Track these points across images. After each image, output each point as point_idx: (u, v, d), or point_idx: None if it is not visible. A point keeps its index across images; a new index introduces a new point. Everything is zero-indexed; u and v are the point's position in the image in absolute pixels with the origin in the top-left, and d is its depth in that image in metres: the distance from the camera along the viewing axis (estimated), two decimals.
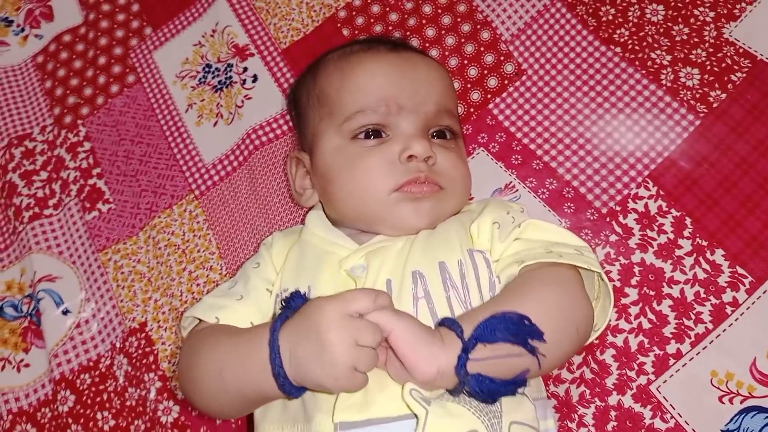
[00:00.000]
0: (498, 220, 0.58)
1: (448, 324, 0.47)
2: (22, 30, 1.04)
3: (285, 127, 0.85)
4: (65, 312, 0.81)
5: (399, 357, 0.46)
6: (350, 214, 0.62)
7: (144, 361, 0.76)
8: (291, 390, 0.46)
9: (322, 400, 0.49)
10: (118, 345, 0.79)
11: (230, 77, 0.91)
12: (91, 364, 0.78)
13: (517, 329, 0.45)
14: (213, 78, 0.92)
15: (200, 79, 0.93)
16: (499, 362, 0.45)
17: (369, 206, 0.60)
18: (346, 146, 0.62)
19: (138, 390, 0.75)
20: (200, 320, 0.58)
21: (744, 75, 0.72)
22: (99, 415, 0.75)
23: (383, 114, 0.61)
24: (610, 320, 0.57)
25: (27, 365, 0.81)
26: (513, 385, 0.45)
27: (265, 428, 0.53)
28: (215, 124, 0.89)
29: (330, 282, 0.56)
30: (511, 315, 0.46)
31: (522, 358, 0.46)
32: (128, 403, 0.75)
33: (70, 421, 0.76)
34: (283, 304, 0.50)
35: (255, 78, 0.90)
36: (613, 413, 0.62)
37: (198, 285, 0.79)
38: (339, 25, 0.90)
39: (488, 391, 0.44)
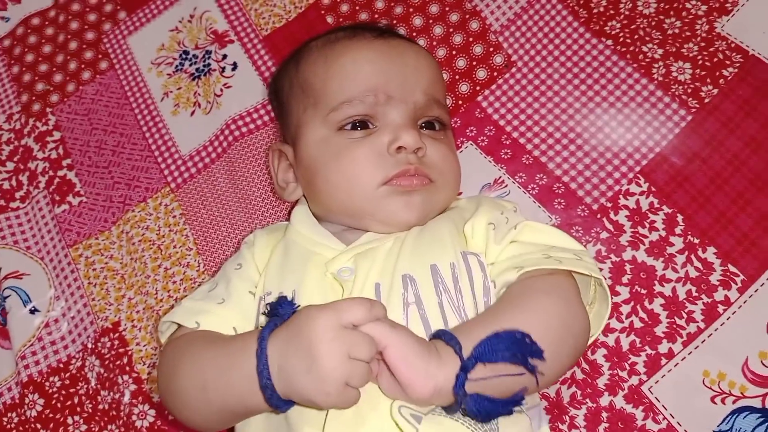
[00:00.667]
0: (493, 221, 0.56)
1: (446, 339, 0.45)
2: None
3: (266, 118, 0.82)
4: (33, 311, 0.78)
5: (393, 372, 0.43)
6: (336, 209, 0.60)
7: (117, 362, 0.73)
8: (278, 403, 0.44)
9: (308, 412, 0.46)
10: (89, 346, 0.76)
11: (209, 65, 0.88)
12: (61, 365, 0.75)
13: (520, 349, 0.43)
14: (190, 65, 0.89)
15: (177, 66, 0.89)
16: (497, 381, 0.43)
17: (356, 200, 0.57)
18: (331, 137, 0.59)
19: (111, 393, 0.72)
20: (179, 325, 0.55)
21: (736, 70, 0.71)
22: (69, 420, 0.72)
23: (371, 104, 0.59)
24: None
25: None
26: (511, 404, 0.43)
27: None
28: (192, 113, 0.86)
29: (316, 285, 0.53)
30: (514, 334, 0.44)
31: (521, 378, 0.44)
32: (101, 407, 0.72)
33: (38, 426, 0.73)
34: (269, 309, 0.48)
35: (234, 66, 0.87)
36: (604, 414, 0.61)
37: (174, 283, 0.76)
38: (323, 11, 0.87)
39: (486, 411, 0.42)
